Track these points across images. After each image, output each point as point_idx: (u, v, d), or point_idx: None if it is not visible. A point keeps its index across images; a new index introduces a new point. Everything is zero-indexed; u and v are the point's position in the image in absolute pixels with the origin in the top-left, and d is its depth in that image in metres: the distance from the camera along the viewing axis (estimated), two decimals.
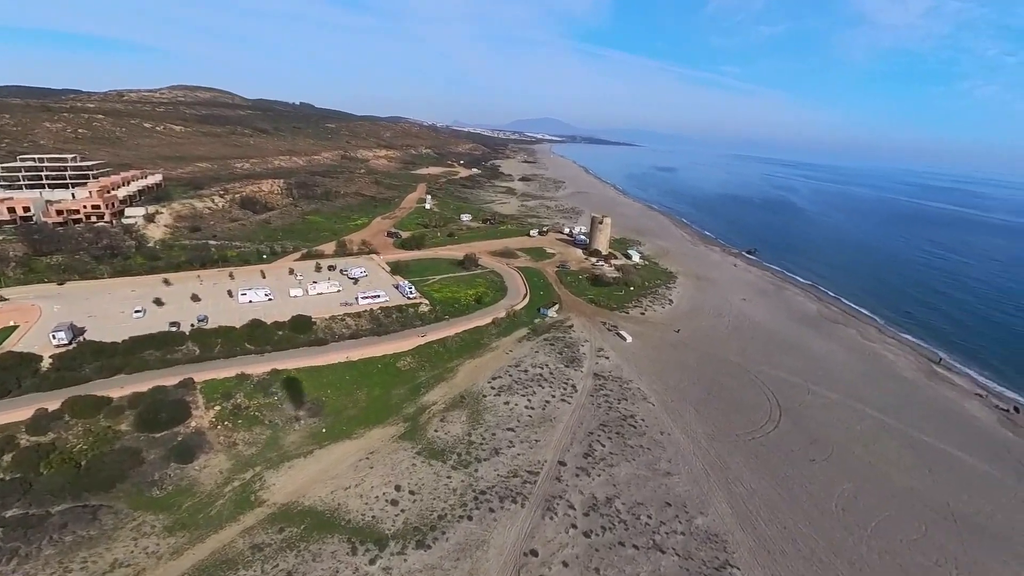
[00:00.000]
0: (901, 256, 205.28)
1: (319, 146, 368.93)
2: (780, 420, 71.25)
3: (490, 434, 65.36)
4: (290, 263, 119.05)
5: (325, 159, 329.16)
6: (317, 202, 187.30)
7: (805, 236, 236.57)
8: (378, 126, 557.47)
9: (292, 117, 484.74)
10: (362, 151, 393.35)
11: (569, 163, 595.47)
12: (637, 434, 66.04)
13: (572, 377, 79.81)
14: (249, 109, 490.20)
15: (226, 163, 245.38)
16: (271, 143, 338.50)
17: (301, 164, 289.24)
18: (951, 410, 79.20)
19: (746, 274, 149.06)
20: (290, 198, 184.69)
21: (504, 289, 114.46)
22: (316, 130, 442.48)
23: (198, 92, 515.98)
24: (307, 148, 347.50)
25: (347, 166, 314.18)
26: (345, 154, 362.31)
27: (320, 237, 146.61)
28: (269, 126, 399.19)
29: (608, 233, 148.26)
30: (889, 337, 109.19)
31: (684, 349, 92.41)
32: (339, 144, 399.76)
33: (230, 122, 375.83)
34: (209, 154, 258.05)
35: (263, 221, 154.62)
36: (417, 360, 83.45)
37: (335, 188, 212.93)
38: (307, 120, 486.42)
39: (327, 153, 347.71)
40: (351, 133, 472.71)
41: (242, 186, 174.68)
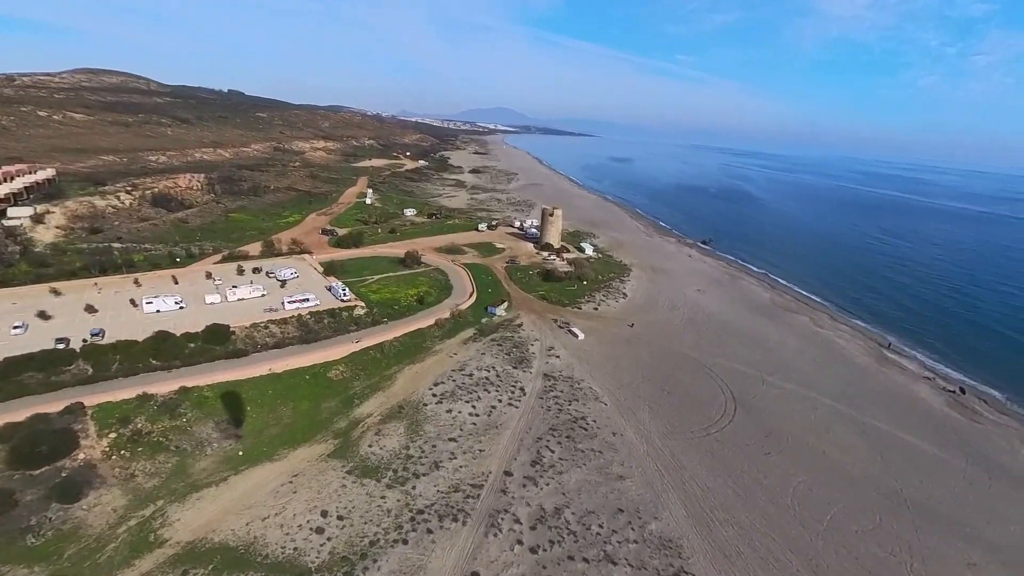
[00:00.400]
0: (850, 243, 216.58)
1: (249, 137, 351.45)
2: (735, 413, 72.01)
3: (430, 446, 62.42)
4: (208, 266, 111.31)
5: (255, 151, 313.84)
6: (243, 198, 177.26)
7: (759, 225, 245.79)
8: (316, 115, 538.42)
9: (218, 106, 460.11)
10: (298, 142, 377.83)
11: (523, 154, 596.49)
12: (588, 437, 64.85)
13: (520, 379, 77.92)
14: (167, 96, 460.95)
15: (137, 156, 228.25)
16: (192, 134, 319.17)
17: (227, 157, 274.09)
18: (901, 394, 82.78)
19: (701, 264, 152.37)
20: (212, 194, 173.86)
21: (449, 288, 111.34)
22: (246, 120, 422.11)
23: (105, 76, 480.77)
24: (235, 139, 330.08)
25: (280, 159, 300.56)
26: (278, 146, 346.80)
27: (245, 237, 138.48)
28: (191, 115, 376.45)
29: (560, 225, 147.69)
30: (841, 323, 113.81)
31: (638, 344, 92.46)
32: (272, 135, 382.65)
33: (143, 110, 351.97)
34: (117, 146, 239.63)
35: (179, 220, 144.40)
36: (351, 369, 79.23)
37: (264, 183, 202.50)
38: (235, 109, 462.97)
39: (258, 145, 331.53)
40: (286, 123, 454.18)
41: (154, 181, 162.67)
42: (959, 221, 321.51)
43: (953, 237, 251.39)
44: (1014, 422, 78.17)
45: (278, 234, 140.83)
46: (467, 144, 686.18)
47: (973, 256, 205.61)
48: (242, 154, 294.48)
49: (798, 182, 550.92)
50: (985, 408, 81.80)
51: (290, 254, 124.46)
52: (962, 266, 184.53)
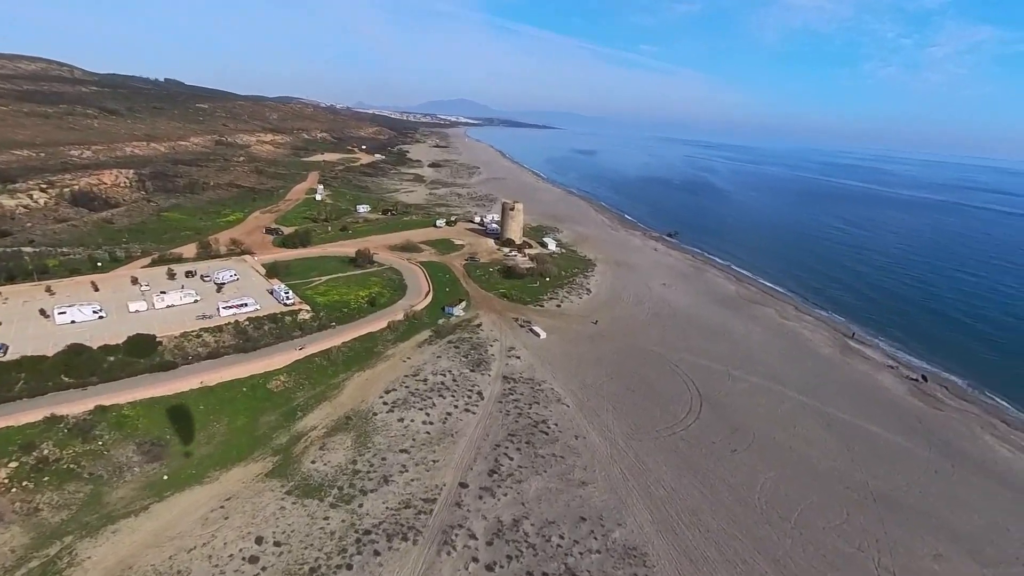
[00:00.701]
0: (813, 233, 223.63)
1: (187, 130, 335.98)
2: (701, 410, 71.97)
3: (380, 459, 59.69)
4: (135, 270, 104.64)
5: (195, 145, 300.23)
6: (178, 196, 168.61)
7: (723, 217, 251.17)
8: (263, 107, 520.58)
9: (153, 96, 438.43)
10: (243, 136, 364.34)
11: (485, 147, 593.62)
12: (549, 441, 63.38)
13: (478, 383, 75.87)
14: (95, 85, 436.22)
15: (57, 150, 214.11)
16: (123, 126, 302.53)
17: (162, 151, 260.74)
18: (866, 384, 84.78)
19: (667, 258, 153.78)
20: (142, 192, 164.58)
21: (403, 288, 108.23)
22: (184, 111, 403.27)
23: (21, 63, 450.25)
24: (171, 132, 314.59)
25: (223, 153, 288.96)
26: (221, 139, 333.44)
27: (179, 237, 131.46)
28: (121, 106, 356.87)
29: (521, 220, 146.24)
30: (805, 314, 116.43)
31: (602, 341, 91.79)
32: (214, 127, 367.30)
33: (66, 100, 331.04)
34: (33, 139, 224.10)
35: (103, 220, 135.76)
36: (294, 378, 75.46)
37: (203, 179, 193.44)
38: (173, 100, 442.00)
39: (197, 138, 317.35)
40: (229, 115, 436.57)
41: (75, 178, 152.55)
42: (917, 209, 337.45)
43: (911, 225, 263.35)
44: (974, 407, 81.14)
45: (217, 234, 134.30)
46: (427, 137, 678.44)
47: (930, 244, 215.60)
48: (179, 148, 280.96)
49: (762, 173, 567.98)
50: (946, 395, 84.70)
51: (229, 255, 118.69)
52: (920, 254, 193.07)
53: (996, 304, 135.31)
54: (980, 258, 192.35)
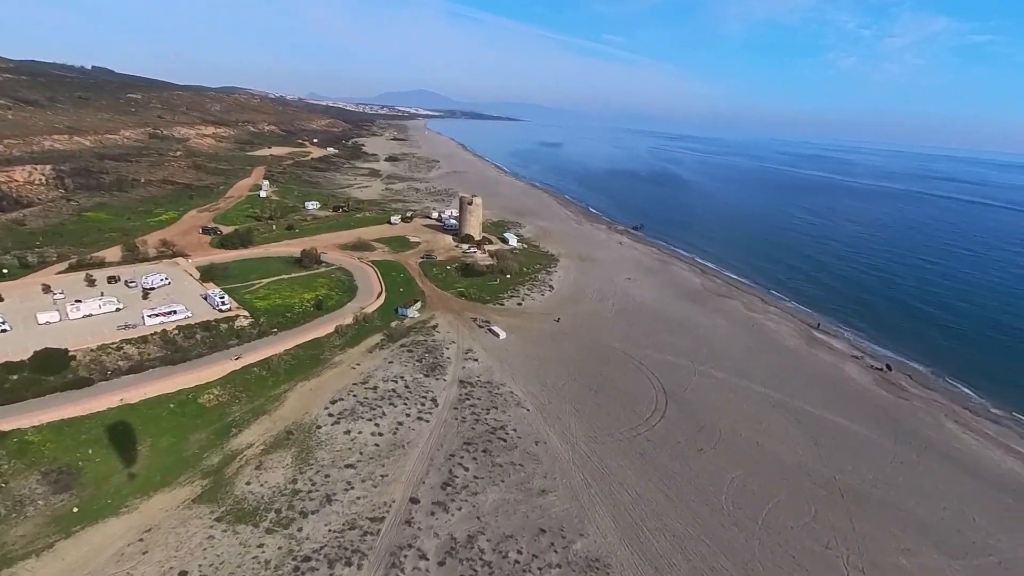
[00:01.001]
0: (778, 223, 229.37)
1: (118, 122, 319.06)
2: (666, 409, 71.45)
3: (323, 476, 56.58)
4: (48, 277, 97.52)
5: (126, 138, 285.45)
6: (103, 194, 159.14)
7: (689, 209, 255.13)
8: (205, 98, 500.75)
9: (78, 85, 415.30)
10: (181, 128, 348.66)
11: (446, 140, 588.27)
12: (507, 448, 61.51)
13: (433, 388, 73.38)
14: (8, 73, 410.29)
15: None
16: (41, 118, 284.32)
17: (87, 145, 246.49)
18: (832, 376, 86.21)
19: (632, 251, 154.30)
20: (61, 190, 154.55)
21: (354, 289, 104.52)
22: (114, 102, 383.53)
23: None
24: (98, 125, 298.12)
25: (157, 147, 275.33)
26: (156, 132, 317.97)
27: (103, 240, 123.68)
28: (41, 96, 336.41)
29: (480, 215, 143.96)
30: (771, 306, 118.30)
31: (565, 340, 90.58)
32: (147, 119, 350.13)
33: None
34: None
35: (12, 222, 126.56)
36: (229, 391, 71.26)
37: (133, 175, 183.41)
38: (101, 89, 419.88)
39: (129, 131, 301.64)
40: (166, 106, 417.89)
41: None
42: (879, 199, 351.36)
43: (873, 214, 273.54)
44: (937, 396, 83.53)
45: (147, 235, 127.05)
46: (384, 130, 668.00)
47: (891, 232, 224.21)
48: (107, 141, 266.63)
49: (728, 164, 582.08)
50: (910, 383, 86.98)
51: (159, 258, 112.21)
52: (882, 243, 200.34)
53: (954, 291, 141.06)
54: (939, 246, 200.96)
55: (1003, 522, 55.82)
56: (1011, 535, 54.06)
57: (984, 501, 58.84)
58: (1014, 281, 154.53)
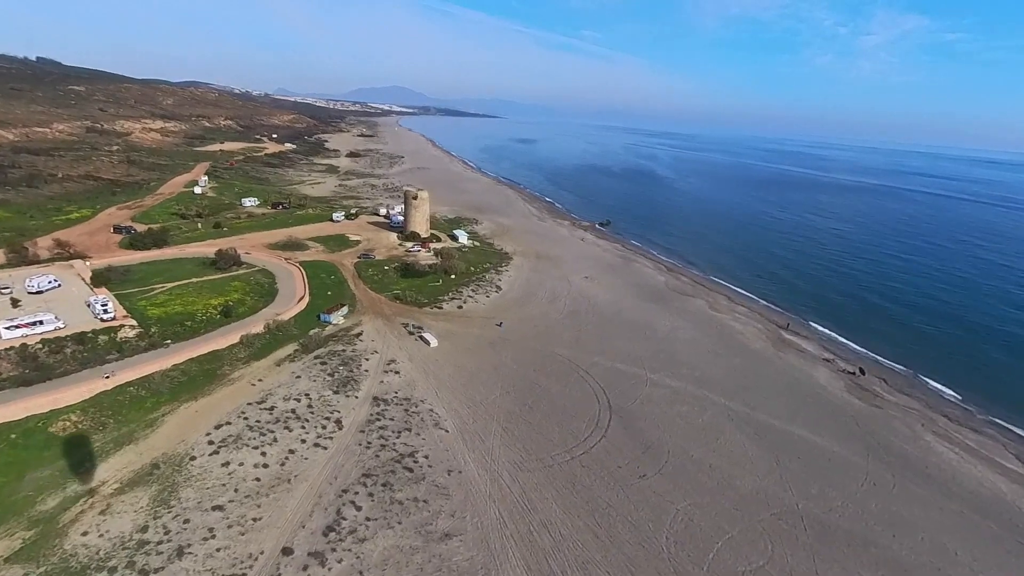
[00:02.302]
0: (750, 220, 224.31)
1: (52, 115, 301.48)
2: (609, 426, 63.14)
3: (181, 522, 46.84)
4: None
5: (58, 132, 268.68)
6: (10, 190, 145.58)
7: (660, 205, 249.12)
8: (157, 91, 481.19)
9: (13, 76, 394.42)
10: (124, 122, 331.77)
11: (416, 136, 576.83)
12: (413, 481, 52.45)
13: (340, 408, 63.98)
14: None
15: None
16: None
17: (10, 139, 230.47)
18: (800, 382, 78.99)
19: (594, 249, 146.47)
20: None
21: (273, 293, 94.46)
22: (53, 94, 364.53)
23: None
24: (28, 118, 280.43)
25: (92, 141, 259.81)
26: (95, 125, 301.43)
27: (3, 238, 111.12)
28: None
29: (427, 210, 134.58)
30: (738, 305, 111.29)
31: (504, 347, 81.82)
32: (88, 113, 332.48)
33: None
34: None
35: None
36: (92, 416, 60.89)
37: (50, 171, 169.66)
38: (40, 81, 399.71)
39: (63, 124, 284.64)
40: (112, 99, 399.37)
41: None
42: (852, 194, 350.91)
43: (846, 210, 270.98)
44: (914, 402, 76.90)
45: (50, 235, 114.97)
46: (353, 126, 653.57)
47: (864, 228, 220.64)
48: (35, 135, 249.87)
49: (704, 160, 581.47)
50: (885, 388, 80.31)
51: (52, 261, 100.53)
52: (855, 238, 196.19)
53: (931, 287, 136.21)
54: (914, 241, 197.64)
55: (989, 555, 48.69)
56: (999, 572, 46.88)
57: (966, 529, 51.69)
58: (993, 279, 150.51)
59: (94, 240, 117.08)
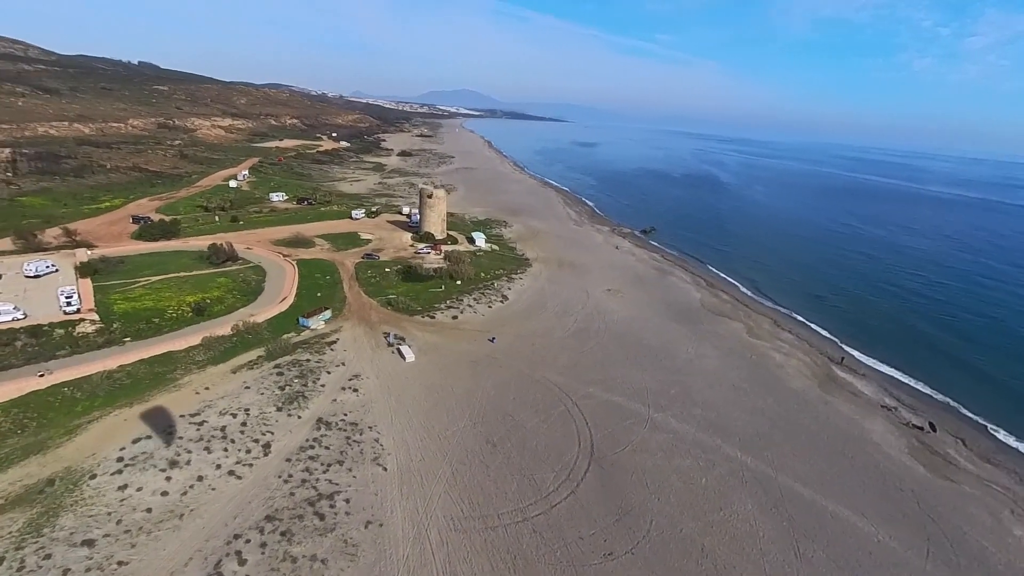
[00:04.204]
0: (820, 232, 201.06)
1: (131, 112, 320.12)
2: (584, 479, 51.18)
3: (39, 558, 39.89)
4: None
5: (133, 127, 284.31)
6: (55, 179, 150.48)
7: (717, 213, 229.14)
8: (233, 91, 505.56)
9: (106, 76, 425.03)
10: (196, 119, 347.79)
11: (474, 138, 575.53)
12: (320, 532, 42.99)
13: (276, 428, 55.74)
14: (46, 65, 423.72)
15: None
16: (52, 106, 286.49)
17: (85, 133, 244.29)
18: (846, 436, 63.44)
19: (627, 258, 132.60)
20: (9, 173, 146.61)
21: (259, 291, 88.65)
22: (138, 93, 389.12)
23: None
24: (109, 114, 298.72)
25: (159, 136, 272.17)
26: (166, 122, 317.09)
27: (21, 225, 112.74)
28: (63, 85, 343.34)
29: (443, 210, 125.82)
30: (785, 331, 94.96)
31: (489, 368, 71.18)
32: (164, 110, 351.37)
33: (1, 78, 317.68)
34: None
35: None
36: (14, 418, 55.94)
37: (101, 161, 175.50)
38: (130, 82, 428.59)
39: (138, 120, 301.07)
40: (189, 98, 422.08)
41: None
42: (949, 208, 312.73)
43: (941, 226, 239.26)
44: (1002, 475, 59.53)
45: (74, 223, 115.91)
46: (416, 127, 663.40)
47: (959, 247, 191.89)
48: (110, 129, 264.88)
49: (776, 168, 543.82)
50: (963, 453, 63.19)
51: (58, 249, 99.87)
52: (946, 258, 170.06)
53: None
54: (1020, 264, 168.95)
55: None
56: None
57: None
58: None
59: (111, 229, 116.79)
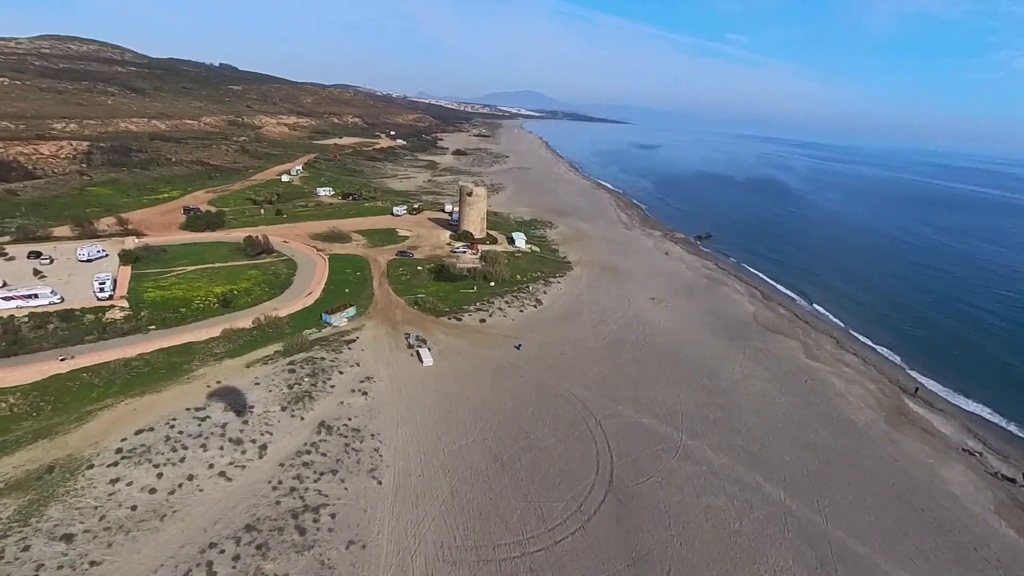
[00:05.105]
0: (898, 244, 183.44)
1: (205, 110, 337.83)
2: (597, 512, 45.51)
3: (20, 548, 38.79)
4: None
5: (205, 124, 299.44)
6: (124, 171, 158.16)
7: (782, 220, 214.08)
8: (300, 91, 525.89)
9: (188, 77, 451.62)
10: (263, 117, 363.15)
11: (532, 138, 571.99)
12: (298, 548, 39.67)
13: (276, 429, 53.33)
14: (143, 67, 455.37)
15: (42, 123, 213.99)
16: (136, 104, 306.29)
17: (161, 128, 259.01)
18: (917, 485, 54.33)
19: (677, 265, 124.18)
20: (83, 164, 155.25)
21: (287, 284, 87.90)
22: (214, 93, 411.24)
23: (71, 44, 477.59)
24: (185, 111, 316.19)
25: (228, 132, 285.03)
26: (236, 119, 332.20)
27: (88, 213, 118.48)
28: (149, 85, 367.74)
29: (483, 209, 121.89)
30: (850, 353, 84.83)
31: (510, 377, 66.44)
32: (235, 109, 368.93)
33: (95, 79, 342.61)
34: (24, 112, 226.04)
35: (7, 192, 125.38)
36: (32, 400, 56.47)
37: (167, 155, 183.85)
38: (208, 82, 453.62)
39: (211, 118, 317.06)
40: (260, 97, 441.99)
41: (3, 147, 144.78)
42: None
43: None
44: None
45: (129, 212, 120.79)
46: (475, 127, 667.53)
47: None
48: (184, 126, 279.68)
49: (851, 174, 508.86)
50: None
51: (111, 235, 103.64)
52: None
53: None
54: None
55: None
56: None
57: None
58: None
59: (163, 219, 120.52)
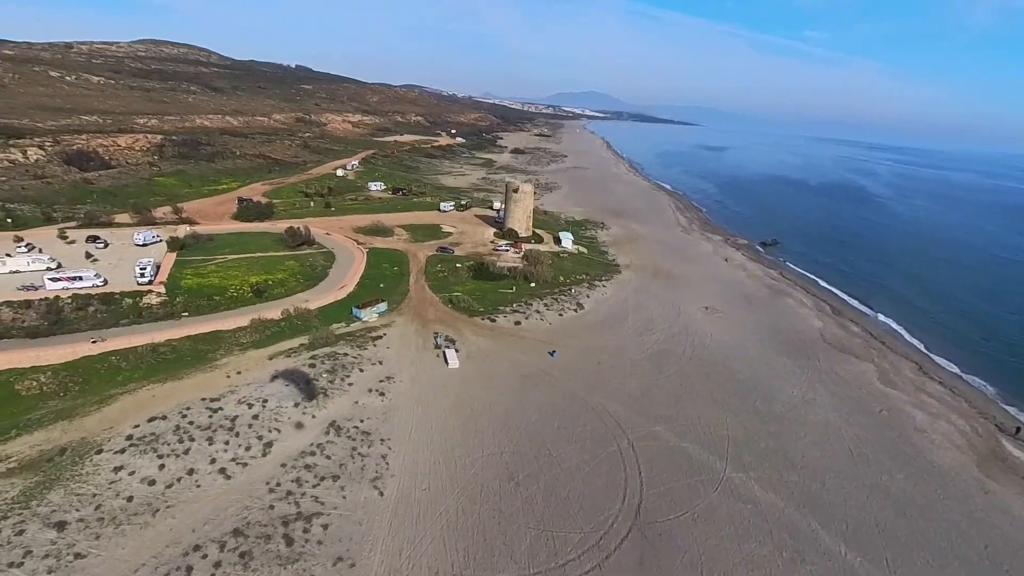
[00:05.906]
0: (994, 258, 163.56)
1: (277, 108, 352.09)
2: (618, 549, 39.85)
3: (15, 532, 38.19)
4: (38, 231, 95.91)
5: (275, 121, 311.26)
6: (190, 162, 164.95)
7: (859, 228, 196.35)
8: (367, 90, 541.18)
9: (263, 77, 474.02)
10: (329, 115, 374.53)
11: (593, 139, 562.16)
12: (283, 561, 36.59)
13: (285, 426, 51.02)
14: (224, 68, 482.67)
15: (128, 118, 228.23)
16: (214, 102, 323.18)
17: (234, 124, 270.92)
18: (1017, 549, 45.10)
19: (737, 272, 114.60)
20: (155, 156, 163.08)
21: (322, 276, 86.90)
22: (286, 92, 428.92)
23: (164, 47, 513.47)
24: (257, 108, 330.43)
25: (294, 128, 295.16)
26: (304, 116, 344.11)
27: (151, 201, 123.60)
28: (227, 85, 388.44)
29: (529, 207, 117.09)
30: (934, 381, 74.05)
31: (539, 386, 61.44)
32: (304, 107, 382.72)
33: (181, 79, 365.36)
34: (115, 108, 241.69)
35: (84, 180, 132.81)
36: (62, 380, 57.27)
37: (233, 149, 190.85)
38: (281, 82, 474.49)
39: (280, 115, 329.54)
40: (328, 96, 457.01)
41: (86, 139, 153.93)
42: None
43: None
44: None
45: (191, 201, 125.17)
46: (537, 127, 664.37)
47: None
48: (255, 123, 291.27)
49: (940, 179, 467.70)
50: None
51: (166, 223, 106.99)
52: None
53: None
54: None
55: None
56: None
57: None
58: None
59: (218, 209, 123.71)
